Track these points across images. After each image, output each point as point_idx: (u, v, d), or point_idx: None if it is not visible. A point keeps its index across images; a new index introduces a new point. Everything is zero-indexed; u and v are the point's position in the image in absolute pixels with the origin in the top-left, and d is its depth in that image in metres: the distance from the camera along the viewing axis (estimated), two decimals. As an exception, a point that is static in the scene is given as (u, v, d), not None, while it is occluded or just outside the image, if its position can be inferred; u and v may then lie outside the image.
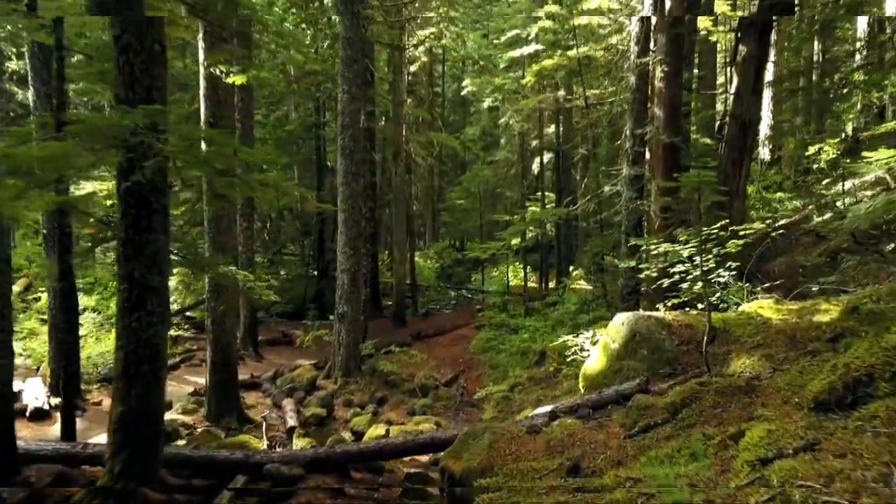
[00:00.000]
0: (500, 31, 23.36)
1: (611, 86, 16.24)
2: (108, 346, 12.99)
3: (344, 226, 13.35)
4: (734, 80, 11.04)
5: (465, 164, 33.77)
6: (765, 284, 8.43)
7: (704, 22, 13.90)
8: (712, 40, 16.99)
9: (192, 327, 17.83)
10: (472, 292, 25.35)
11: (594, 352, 8.04)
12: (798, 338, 5.93)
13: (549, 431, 5.82)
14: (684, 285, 6.88)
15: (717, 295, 7.57)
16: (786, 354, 5.66)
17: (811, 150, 14.43)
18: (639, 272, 9.76)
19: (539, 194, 21.30)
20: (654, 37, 10.99)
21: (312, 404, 11.42)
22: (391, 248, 23.55)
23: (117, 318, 5.29)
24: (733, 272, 7.54)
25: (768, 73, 15.50)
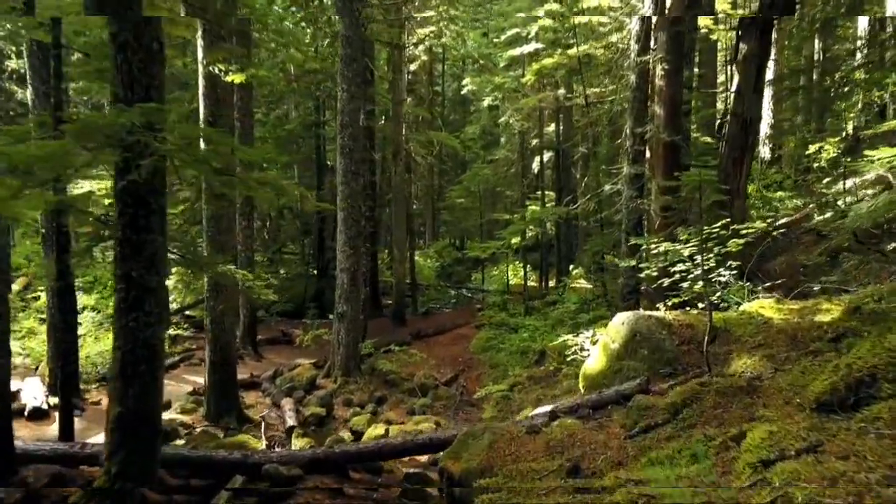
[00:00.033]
0: (500, 29, 23.31)
1: (611, 84, 16.20)
2: (108, 345, 12.91)
3: (343, 225, 13.31)
4: (735, 78, 10.99)
5: (465, 162, 33.73)
6: (766, 284, 8.39)
7: (705, 20, 13.88)
8: (713, 38, 16.98)
9: (192, 326, 17.80)
10: (472, 291, 25.33)
11: (594, 351, 8.01)
12: (799, 338, 5.89)
13: (549, 432, 5.79)
14: (685, 284, 6.85)
15: (718, 294, 7.54)
16: (787, 354, 5.63)
17: (812, 148, 14.41)
18: (639, 271, 9.74)
19: (539, 193, 21.25)
20: (655, 35, 10.95)
21: (312, 404, 11.38)
22: (391, 247, 23.51)
23: (114, 318, 5.26)
24: (734, 271, 7.51)
25: (769, 72, 15.45)
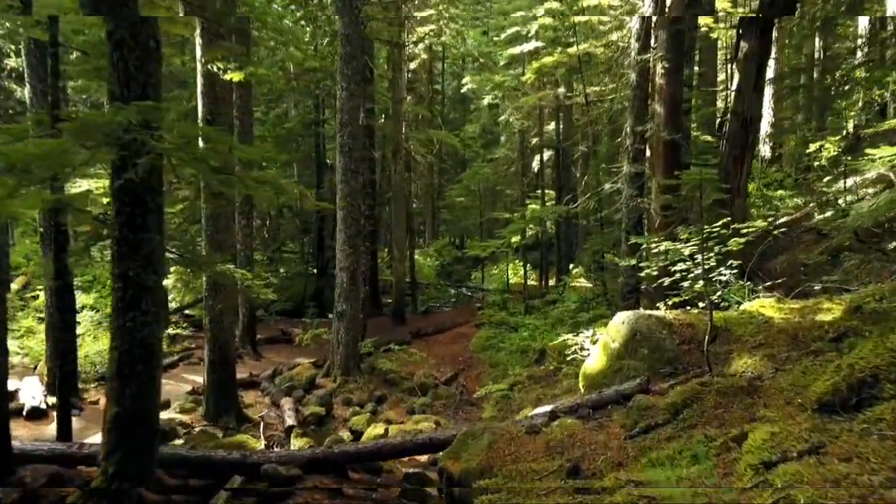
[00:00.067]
0: (500, 28, 23.26)
1: (611, 83, 16.17)
2: (107, 344, 12.81)
3: (343, 224, 13.27)
4: (735, 76, 10.95)
5: (465, 161, 33.70)
6: (766, 283, 8.36)
7: (705, 19, 13.84)
8: (713, 37, 16.93)
9: (191, 326, 17.76)
10: (471, 290, 25.29)
11: (594, 351, 7.98)
12: (800, 337, 5.86)
13: (549, 432, 5.77)
14: (685, 284, 6.82)
15: (719, 293, 7.51)
16: (788, 354, 5.60)
17: (812, 147, 14.36)
18: (639, 270, 9.71)
19: (539, 192, 21.22)
20: (655, 33, 10.92)
21: (311, 403, 11.35)
22: (391, 246, 23.47)
23: (112, 317, 5.23)
24: (734, 270, 7.48)
25: (769, 70, 15.42)
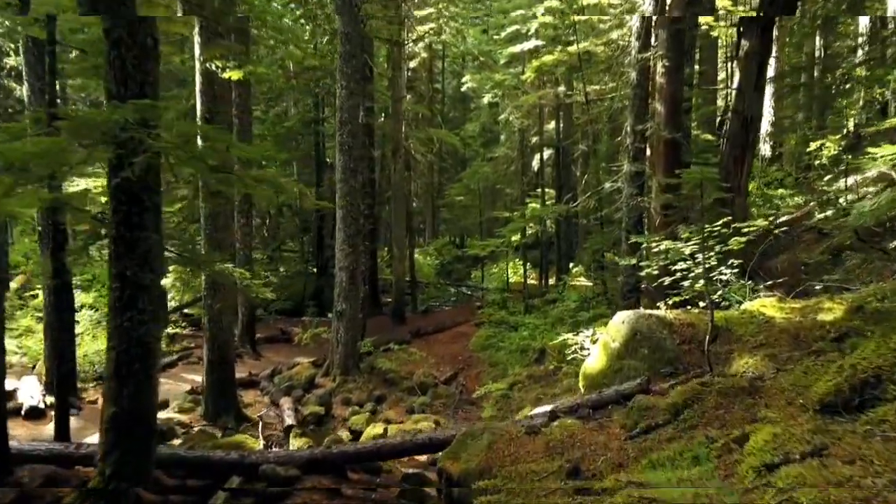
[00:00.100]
0: (499, 26, 23.21)
1: (611, 81, 16.14)
2: (105, 343, 12.90)
3: (342, 223, 13.24)
4: (736, 75, 10.92)
5: (465, 160, 33.65)
6: (767, 282, 8.33)
7: (706, 18, 13.79)
8: (713, 35, 16.89)
9: (190, 325, 17.74)
10: (471, 289, 25.25)
11: (594, 350, 7.95)
12: (802, 337, 5.84)
13: (549, 432, 5.73)
14: (686, 283, 6.79)
15: (719, 293, 7.48)
16: (789, 354, 5.57)
17: (813, 146, 14.32)
18: (639, 270, 9.68)
19: (539, 191, 21.17)
20: (655, 32, 10.88)
21: (310, 403, 11.32)
22: (390, 245, 23.44)
23: (109, 316, 5.19)
24: (735, 270, 7.45)
25: (769, 69, 15.38)
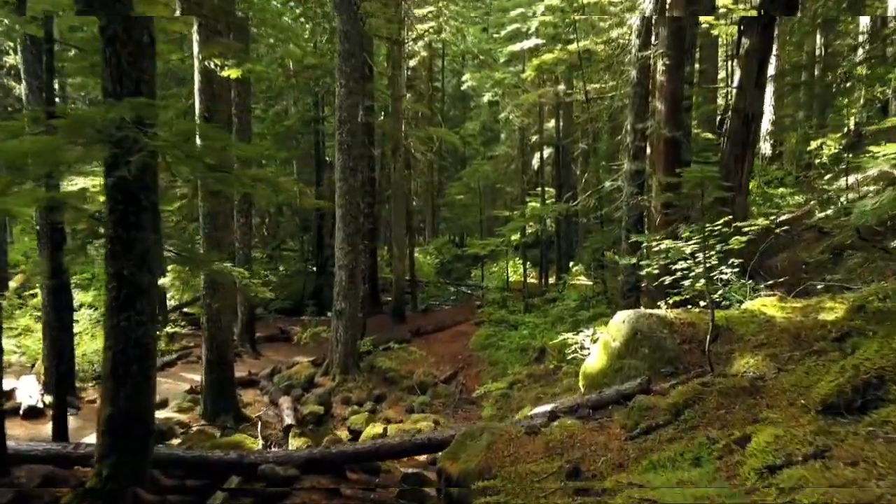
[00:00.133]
0: (499, 25, 23.16)
1: (611, 80, 16.10)
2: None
3: (342, 222, 13.20)
4: (736, 73, 10.87)
5: (465, 159, 33.60)
6: (768, 282, 8.29)
7: (707, 18, 13.74)
8: (714, 34, 16.83)
9: (189, 324, 17.70)
10: (471, 288, 25.22)
11: (594, 350, 7.92)
12: (803, 337, 5.80)
13: (549, 432, 5.70)
14: (686, 282, 6.75)
15: (720, 292, 7.45)
16: (790, 354, 5.53)
17: (813, 144, 14.28)
18: (639, 269, 9.65)
19: (539, 189, 21.13)
20: (656, 30, 10.83)
21: (310, 402, 11.29)
22: (390, 244, 23.40)
23: (106, 317, 5.16)
24: (736, 269, 7.42)
25: (770, 67, 15.32)
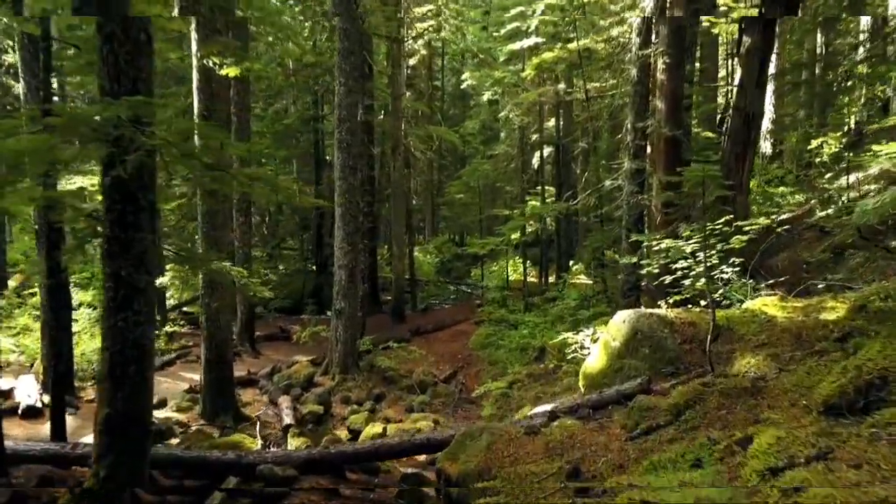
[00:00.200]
0: (499, 23, 23.12)
1: (612, 78, 16.05)
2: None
3: (341, 221, 13.17)
4: (737, 72, 10.84)
5: (465, 158, 33.55)
6: (768, 281, 8.26)
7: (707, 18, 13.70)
8: (714, 32, 16.80)
9: (189, 323, 17.68)
10: (471, 287, 25.20)
11: (594, 350, 7.89)
12: (804, 336, 5.77)
13: (549, 433, 5.67)
14: (687, 282, 6.72)
15: (720, 292, 7.42)
16: (792, 354, 5.50)
17: (814, 143, 14.24)
18: (640, 268, 9.62)
19: (539, 188, 21.10)
20: (656, 29, 10.81)
21: (309, 401, 11.26)
22: (390, 243, 23.38)
23: (102, 317, 5.12)
24: (737, 268, 7.38)
25: (771, 66, 15.28)
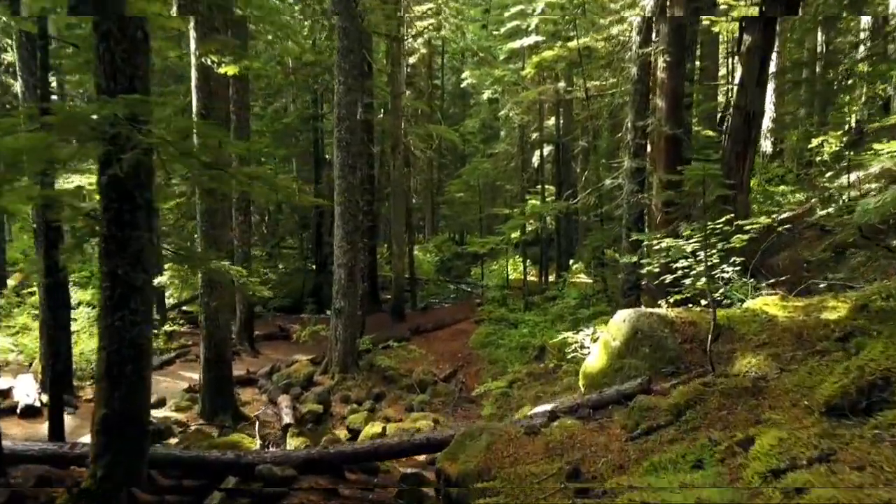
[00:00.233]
0: (499, 22, 23.08)
1: (612, 77, 16.00)
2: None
3: (340, 220, 13.14)
4: (738, 70, 10.80)
5: (465, 156, 33.50)
6: (769, 280, 8.23)
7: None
8: (714, 31, 16.75)
9: (188, 322, 17.65)
10: (471, 286, 25.16)
11: (594, 349, 7.86)
12: (805, 336, 5.74)
13: (549, 433, 5.64)
14: (687, 281, 6.69)
15: (721, 291, 7.38)
16: (793, 354, 5.47)
17: (814, 142, 14.21)
18: (640, 267, 9.58)
19: (539, 187, 21.08)
20: (656, 27, 10.77)
21: (309, 401, 11.23)
22: (390, 242, 23.35)
23: (99, 316, 5.09)
24: (737, 267, 7.34)
25: (771, 65, 15.24)
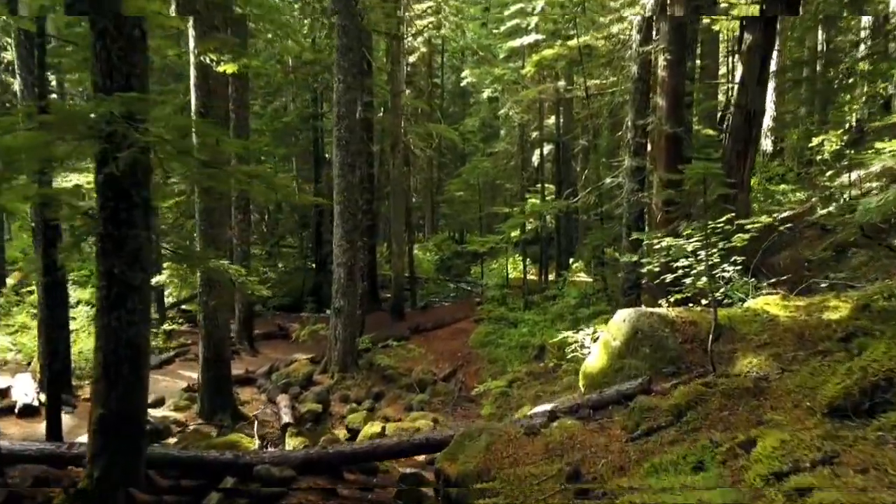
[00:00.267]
0: (499, 20, 23.03)
1: (612, 75, 15.94)
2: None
3: (340, 218, 13.10)
4: (738, 69, 10.77)
5: (465, 155, 33.44)
6: (770, 280, 8.19)
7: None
8: (715, 29, 16.73)
9: (187, 321, 17.61)
10: (471, 285, 25.13)
11: (594, 349, 7.82)
12: (807, 336, 5.71)
13: (548, 433, 5.61)
14: (688, 280, 6.65)
15: (722, 290, 7.35)
16: (794, 354, 5.44)
17: (815, 141, 14.17)
18: (640, 266, 9.54)
19: (539, 186, 21.04)
20: (657, 26, 10.73)
21: (308, 400, 11.21)
22: (389, 241, 23.30)
23: (96, 316, 5.05)
24: (738, 267, 7.31)
25: (771, 64, 15.20)
